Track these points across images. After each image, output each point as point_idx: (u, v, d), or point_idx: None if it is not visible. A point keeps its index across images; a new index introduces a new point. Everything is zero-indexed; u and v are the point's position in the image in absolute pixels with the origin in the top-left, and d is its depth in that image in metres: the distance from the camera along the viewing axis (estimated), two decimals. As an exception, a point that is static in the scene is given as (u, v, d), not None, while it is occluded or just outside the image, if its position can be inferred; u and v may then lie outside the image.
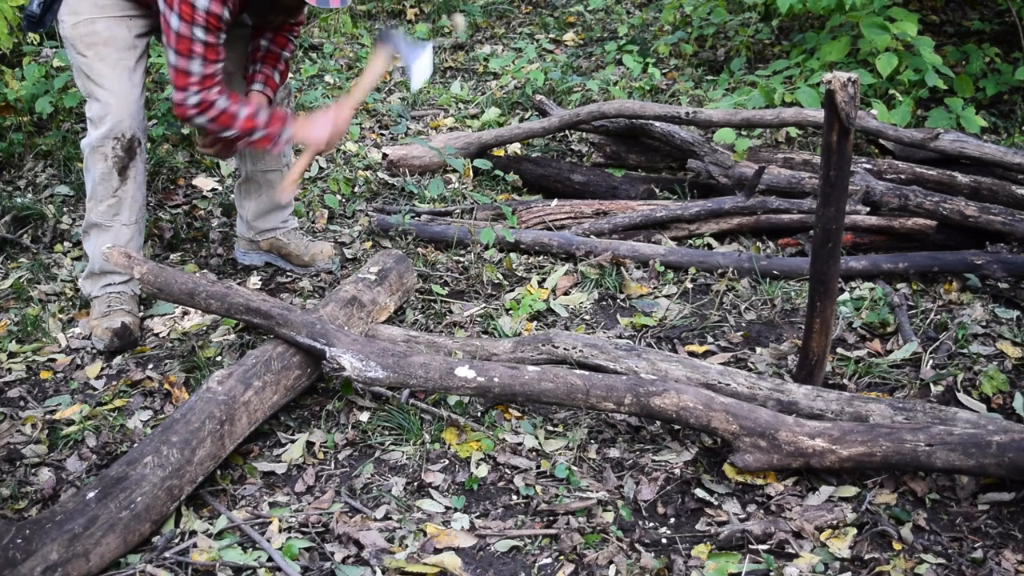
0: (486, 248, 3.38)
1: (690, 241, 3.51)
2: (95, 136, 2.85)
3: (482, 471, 2.32)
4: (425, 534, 2.10)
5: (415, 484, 2.28)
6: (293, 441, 2.45)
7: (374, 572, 2.00)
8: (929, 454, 2.10)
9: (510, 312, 3.03)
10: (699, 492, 2.22)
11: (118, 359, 2.87)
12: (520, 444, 2.41)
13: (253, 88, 2.99)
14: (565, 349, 2.62)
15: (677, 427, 2.41)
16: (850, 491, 2.19)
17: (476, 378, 2.30)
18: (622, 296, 3.16)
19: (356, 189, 4.01)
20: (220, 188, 4.00)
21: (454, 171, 4.05)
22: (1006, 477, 2.10)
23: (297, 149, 3.40)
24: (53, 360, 2.89)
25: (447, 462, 2.36)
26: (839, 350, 2.78)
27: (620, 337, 2.90)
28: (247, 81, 3.01)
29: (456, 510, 2.20)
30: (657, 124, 3.80)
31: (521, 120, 4.68)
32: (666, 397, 2.24)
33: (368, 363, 2.32)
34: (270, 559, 2.03)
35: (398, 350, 2.38)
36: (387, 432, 2.48)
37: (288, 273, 3.36)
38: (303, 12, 2.98)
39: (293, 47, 3.07)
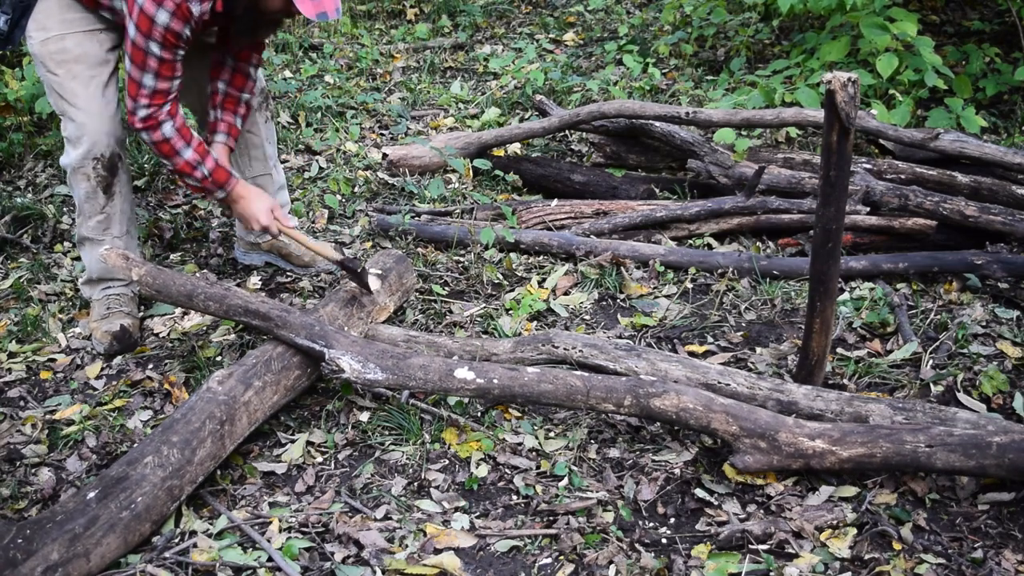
0: (486, 248, 3.38)
1: (690, 241, 3.51)
2: (74, 157, 2.79)
3: (482, 471, 2.32)
4: (425, 534, 2.10)
5: (415, 484, 2.28)
6: (293, 441, 2.45)
7: (374, 572, 2.00)
8: (929, 455, 2.10)
9: (510, 312, 3.03)
10: (699, 492, 2.21)
11: (118, 359, 2.87)
12: (520, 444, 2.41)
13: (216, 139, 2.93)
14: (565, 349, 2.62)
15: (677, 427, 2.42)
16: (850, 491, 2.19)
17: (475, 380, 2.30)
18: (622, 296, 3.16)
19: (356, 189, 4.01)
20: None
21: (454, 171, 4.05)
22: (1006, 478, 2.10)
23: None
24: (53, 360, 2.89)
25: (447, 462, 2.36)
26: (839, 350, 2.77)
27: (620, 337, 2.90)
28: (209, 130, 2.95)
29: (457, 509, 2.20)
30: (657, 124, 3.80)
31: (521, 120, 4.68)
32: (666, 398, 2.24)
33: (367, 365, 2.32)
34: (270, 559, 2.03)
35: (397, 352, 2.38)
36: (387, 432, 2.48)
37: (288, 273, 3.36)
38: (269, 39, 2.90)
39: (253, 84, 2.98)
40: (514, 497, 2.24)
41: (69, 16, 2.71)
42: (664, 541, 2.09)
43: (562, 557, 2.04)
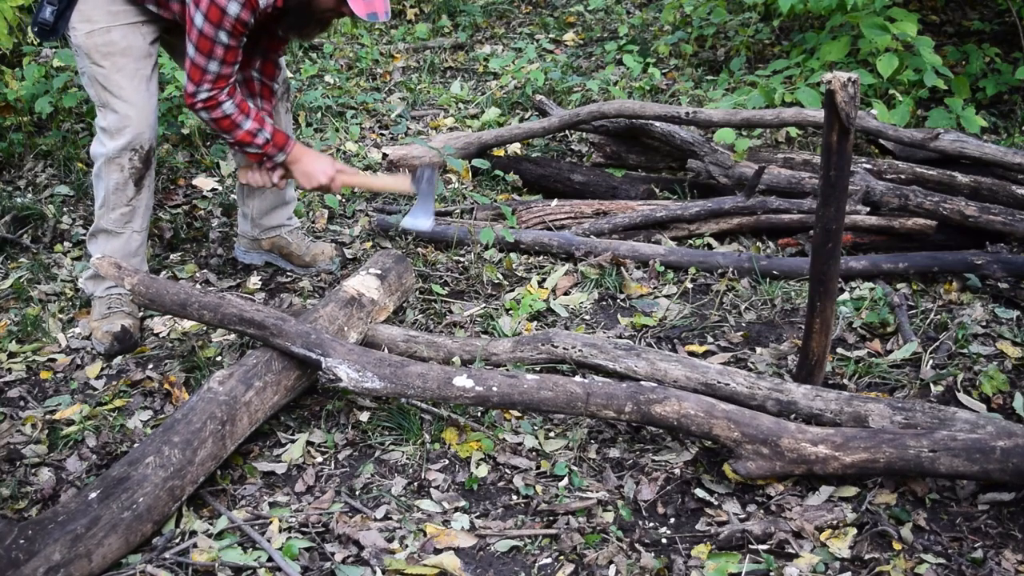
0: (486, 248, 3.38)
1: (690, 241, 3.51)
2: (112, 147, 2.80)
3: (482, 471, 2.32)
4: (425, 534, 2.10)
5: (415, 484, 2.28)
6: (293, 441, 2.46)
7: (374, 572, 2.00)
8: (933, 460, 2.09)
9: (510, 312, 3.03)
10: (699, 492, 2.22)
11: (118, 359, 2.87)
12: (520, 444, 2.41)
13: None
14: (565, 349, 2.62)
15: (677, 427, 2.42)
16: (850, 491, 2.19)
17: (474, 387, 2.29)
18: (622, 296, 3.16)
19: (356, 189, 4.01)
20: (220, 188, 4.00)
21: (454, 171, 4.05)
22: (1010, 482, 2.09)
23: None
24: (53, 360, 2.89)
25: (447, 462, 2.36)
26: (839, 350, 2.78)
27: (620, 337, 2.90)
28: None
29: (457, 509, 2.20)
30: (657, 124, 3.80)
31: (521, 120, 4.68)
32: (667, 404, 2.23)
33: (365, 374, 2.31)
34: (270, 559, 2.03)
35: (395, 359, 2.36)
36: (387, 432, 2.48)
37: (288, 273, 3.36)
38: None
39: (279, 72, 3.04)
40: (514, 497, 2.24)
41: (115, 8, 2.75)
42: (664, 541, 2.09)
43: (562, 557, 2.04)
